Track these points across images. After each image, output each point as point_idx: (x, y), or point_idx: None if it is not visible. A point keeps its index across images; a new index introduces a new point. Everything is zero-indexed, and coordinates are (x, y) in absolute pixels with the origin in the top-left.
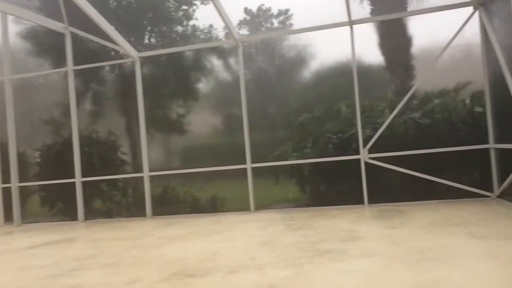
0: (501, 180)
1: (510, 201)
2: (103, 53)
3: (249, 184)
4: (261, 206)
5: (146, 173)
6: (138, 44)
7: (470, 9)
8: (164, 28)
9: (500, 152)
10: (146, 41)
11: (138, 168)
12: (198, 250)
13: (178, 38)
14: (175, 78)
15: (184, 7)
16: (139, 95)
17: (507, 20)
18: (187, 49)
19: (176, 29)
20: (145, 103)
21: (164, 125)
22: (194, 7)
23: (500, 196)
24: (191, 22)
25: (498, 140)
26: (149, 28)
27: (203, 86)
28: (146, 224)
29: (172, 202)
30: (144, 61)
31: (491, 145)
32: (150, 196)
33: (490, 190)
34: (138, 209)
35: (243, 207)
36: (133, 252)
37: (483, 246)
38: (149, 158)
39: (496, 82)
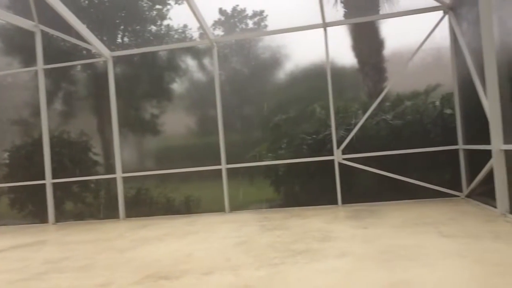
0: (470, 180)
1: (478, 200)
2: (74, 52)
3: (224, 185)
4: (236, 207)
5: (119, 174)
6: (110, 43)
7: (440, 13)
8: (138, 27)
9: (469, 153)
10: (119, 40)
11: (110, 169)
12: (172, 252)
13: (152, 38)
14: (148, 78)
15: (158, 6)
16: (112, 95)
17: (475, 24)
18: (161, 49)
19: (149, 28)
20: (118, 103)
21: (138, 125)
22: (168, 6)
23: (469, 195)
24: (165, 22)
25: (467, 141)
26: (122, 27)
27: (177, 86)
28: (119, 226)
29: (146, 204)
30: (117, 60)
31: (460, 146)
32: (123, 198)
33: (459, 190)
34: (110, 211)
35: (218, 208)
36: (106, 254)
37: (453, 244)
38: (122, 159)
39: (465, 84)
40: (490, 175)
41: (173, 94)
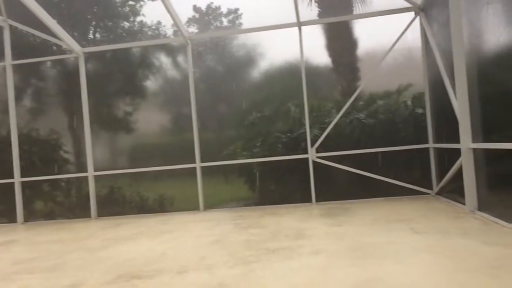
0: (440, 178)
1: (448, 198)
2: (44, 48)
3: (199, 184)
4: (211, 205)
5: (90, 173)
6: (82, 39)
7: (411, 14)
8: (110, 23)
9: (439, 151)
10: (91, 36)
11: (82, 167)
12: (146, 251)
13: (124, 34)
14: (121, 75)
15: (131, 2)
16: (83, 92)
17: (445, 26)
18: (134, 45)
19: (122, 24)
20: (89, 101)
21: (110, 123)
22: (142, 2)
23: (439, 193)
24: (138, 18)
25: (437, 140)
26: (94, 23)
27: (151, 83)
28: (91, 225)
29: (119, 203)
30: (89, 56)
31: (431, 144)
32: (95, 197)
33: (430, 187)
34: (82, 210)
35: (192, 207)
36: (77, 254)
37: (424, 241)
38: (94, 157)
39: (435, 85)
40: (459, 173)
41: (147, 91)
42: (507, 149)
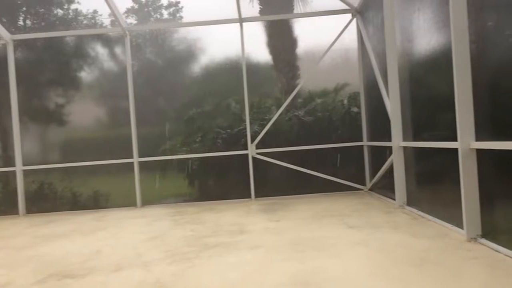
0: (373, 174)
1: (380, 193)
2: None
3: (136, 179)
4: (148, 201)
5: (19, 167)
6: (11, 26)
7: (349, 16)
8: (42, 10)
9: (372, 149)
10: (21, 23)
11: (9, 161)
12: (79, 249)
13: (58, 22)
14: (54, 65)
15: None
16: (12, 81)
17: (380, 29)
18: (68, 34)
19: (55, 12)
20: (18, 91)
21: (41, 115)
22: None
23: (372, 189)
24: (73, 6)
25: (371, 138)
26: (24, 8)
27: (86, 75)
28: (19, 222)
29: (50, 199)
30: (18, 44)
31: (365, 142)
32: (23, 192)
33: (364, 183)
34: (9, 206)
35: (129, 203)
36: (3, 252)
37: (357, 235)
38: (23, 151)
39: (370, 85)
40: (390, 170)
41: (81, 83)
42: (434, 148)
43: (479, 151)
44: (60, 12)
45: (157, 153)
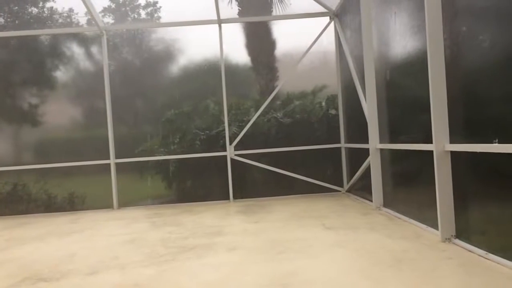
0: (350, 176)
1: (357, 195)
2: None
3: (113, 180)
4: (125, 203)
5: None
6: None
7: (327, 19)
8: (16, 8)
9: (350, 151)
10: None
11: None
12: (54, 252)
13: (32, 20)
14: (28, 64)
15: None
16: None
17: (357, 32)
18: (43, 33)
19: (30, 10)
20: None
21: (14, 115)
22: None
23: (349, 190)
24: (48, 4)
25: (348, 140)
26: None
27: (61, 74)
28: None
29: (23, 201)
30: None
31: (342, 144)
32: None
33: (341, 185)
34: None
35: (105, 205)
36: None
37: (335, 236)
38: None
39: (348, 87)
40: (367, 172)
41: (56, 82)
42: (410, 150)
43: (453, 153)
44: (34, 10)
45: (134, 154)
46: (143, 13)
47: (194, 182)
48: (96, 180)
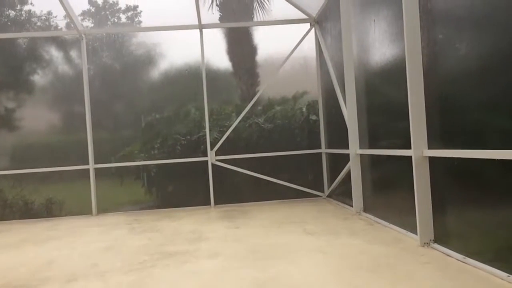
0: (331, 181)
1: (337, 200)
2: None
3: (92, 186)
4: (105, 209)
5: None
6: None
7: (308, 25)
8: None
9: (330, 156)
10: None
11: None
12: (31, 259)
13: (9, 23)
14: (5, 68)
15: None
16: None
17: (338, 39)
18: (21, 36)
19: (7, 13)
20: None
21: None
22: None
23: (330, 195)
24: (26, 7)
25: (329, 145)
26: None
27: (39, 78)
28: None
29: None
30: None
31: (323, 150)
32: None
33: (322, 190)
34: None
35: (84, 211)
36: None
37: (316, 241)
38: None
39: (328, 93)
40: (347, 177)
41: (34, 86)
42: (389, 155)
43: (431, 159)
44: (12, 13)
45: (114, 159)
46: (123, 17)
47: (175, 187)
48: (75, 185)
